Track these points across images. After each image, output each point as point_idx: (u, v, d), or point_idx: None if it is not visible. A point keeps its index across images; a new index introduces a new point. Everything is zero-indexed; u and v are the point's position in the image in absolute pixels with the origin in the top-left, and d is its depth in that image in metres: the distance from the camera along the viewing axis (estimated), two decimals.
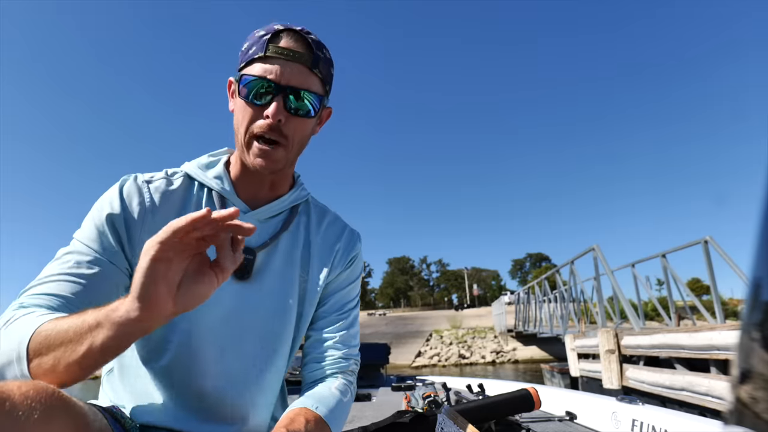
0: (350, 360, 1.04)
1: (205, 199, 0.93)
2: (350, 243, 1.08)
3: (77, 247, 0.82)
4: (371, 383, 4.09)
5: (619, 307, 10.25)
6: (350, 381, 1.02)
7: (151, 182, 0.91)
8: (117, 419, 0.77)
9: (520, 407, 1.59)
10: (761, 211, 0.23)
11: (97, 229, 0.84)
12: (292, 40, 0.86)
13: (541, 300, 17.61)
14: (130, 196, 0.88)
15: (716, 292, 7.60)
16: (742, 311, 0.25)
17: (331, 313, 1.05)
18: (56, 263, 0.80)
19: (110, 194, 0.88)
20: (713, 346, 4.82)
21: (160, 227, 0.86)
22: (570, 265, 12.05)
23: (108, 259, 0.83)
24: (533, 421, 1.89)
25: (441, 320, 42.89)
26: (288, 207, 1.01)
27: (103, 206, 0.86)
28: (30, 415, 0.50)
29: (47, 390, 0.53)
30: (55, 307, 0.75)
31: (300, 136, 0.91)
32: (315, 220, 1.06)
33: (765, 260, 0.23)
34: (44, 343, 0.63)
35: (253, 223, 0.92)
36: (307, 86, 0.87)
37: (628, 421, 1.66)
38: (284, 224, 0.99)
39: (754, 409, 0.23)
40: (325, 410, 0.88)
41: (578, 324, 12.74)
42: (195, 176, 0.95)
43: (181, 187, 0.94)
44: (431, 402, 1.96)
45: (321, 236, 1.05)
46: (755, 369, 0.23)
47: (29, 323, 0.66)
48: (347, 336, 1.04)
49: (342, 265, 1.06)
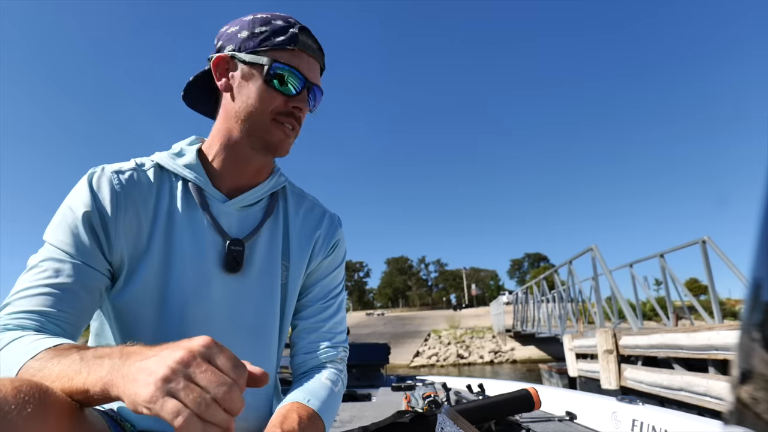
0: (338, 348, 1.02)
1: (180, 191, 0.89)
2: (331, 228, 1.06)
3: (51, 253, 0.77)
4: (371, 383, 4.09)
5: (618, 307, 10.26)
6: (340, 369, 1.00)
7: (121, 173, 0.86)
8: (117, 422, 0.76)
9: (520, 407, 1.59)
10: (761, 211, 0.23)
11: (71, 230, 0.79)
12: (311, 39, 0.90)
13: (540, 300, 17.61)
14: (101, 189, 0.82)
15: (714, 292, 7.61)
16: (742, 311, 0.25)
17: (316, 301, 1.03)
18: (31, 274, 0.76)
19: (79, 190, 0.82)
20: (712, 346, 4.82)
21: (133, 220, 0.86)
22: (568, 265, 12.06)
23: (86, 262, 0.78)
24: (533, 421, 1.89)
25: (439, 320, 42.88)
26: (267, 194, 0.98)
27: (74, 203, 0.81)
28: (22, 409, 0.47)
29: (41, 386, 0.51)
30: (40, 325, 0.71)
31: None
32: (293, 207, 1.03)
33: (765, 260, 0.23)
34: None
35: (232, 213, 0.92)
36: (319, 85, 0.93)
37: (628, 421, 1.66)
38: (266, 212, 0.97)
39: (755, 410, 0.23)
40: (318, 403, 0.87)
41: (576, 324, 12.74)
42: (166, 165, 0.91)
43: (153, 177, 0.89)
44: (431, 402, 1.96)
45: (300, 222, 1.02)
46: (756, 369, 0.23)
47: (14, 357, 0.62)
48: (333, 324, 1.03)
49: (324, 252, 1.04)
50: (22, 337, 0.66)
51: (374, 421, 1.52)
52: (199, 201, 0.89)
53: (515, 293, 26.02)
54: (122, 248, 0.83)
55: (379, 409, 2.51)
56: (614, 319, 10.64)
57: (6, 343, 0.66)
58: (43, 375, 0.58)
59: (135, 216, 0.85)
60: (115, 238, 0.82)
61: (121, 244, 0.83)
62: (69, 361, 0.57)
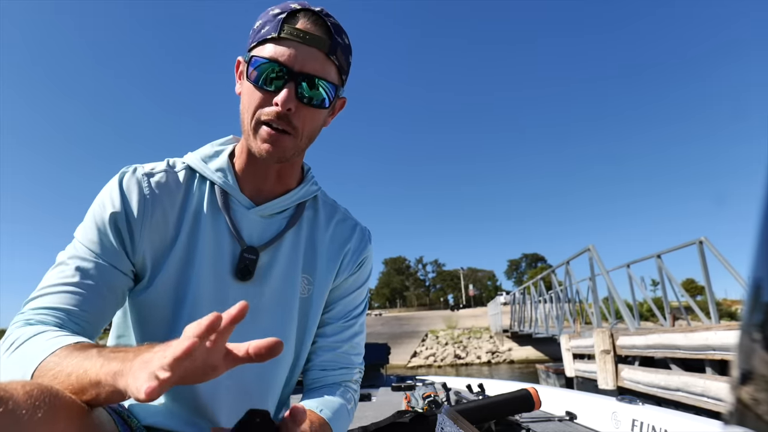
0: (354, 369, 1.01)
1: (207, 194, 0.88)
2: (361, 243, 1.01)
3: (78, 251, 0.79)
4: (371, 383, 4.09)
5: (615, 307, 10.28)
6: (354, 389, 0.99)
7: (151, 175, 0.86)
8: (124, 419, 0.76)
9: (520, 407, 1.60)
10: (761, 211, 0.23)
11: (98, 228, 0.80)
12: (310, 21, 0.79)
13: (537, 300, 17.63)
14: (130, 190, 0.83)
15: (711, 292, 7.64)
16: (742, 312, 0.25)
17: (337, 320, 0.99)
18: (58, 271, 0.78)
19: (110, 189, 0.83)
20: (709, 346, 4.84)
21: (161, 224, 0.85)
22: (565, 266, 12.08)
23: (110, 263, 0.80)
24: (533, 421, 1.89)
25: (437, 320, 42.84)
26: (295, 203, 0.94)
27: (104, 202, 0.82)
28: (33, 414, 0.48)
29: (51, 390, 0.52)
30: (61, 323, 0.73)
31: (310, 127, 0.84)
32: (323, 218, 0.99)
33: (765, 260, 0.23)
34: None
35: (256, 220, 0.90)
36: (322, 74, 0.80)
37: (628, 421, 1.66)
38: (289, 222, 0.93)
39: (756, 411, 0.23)
40: (330, 413, 0.86)
41: (573, 324, 12.77)
42: (197, 168, 0.90)
43: (183, 180, 0.88)
44: (431, 402, 1.97)
45: (329, 235, 0.98)
46: (757, 370, 0.23)
47: (34, 352, 0.64)
48: (352, 345, 1.00)
49: (351, 268, 1.00)
50: (43, 333, 0.68)
51: (374, 421, 1.53)
52: (222, 205, 0.87)
53: (513, 294, 26.02)
54: (145, 250, 0.83)
55: (380, 409, 2.52)
56: (611, 320, 10.67)
57: (27, 338, 0.68)
58: (60, 369, 0.59)
59: (162, 218, 0.85)
60: (139, 240, 0.82)
61: (144, 246, 0.83)
62: (86, 356, 0.59)
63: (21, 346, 0.67)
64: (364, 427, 1.53)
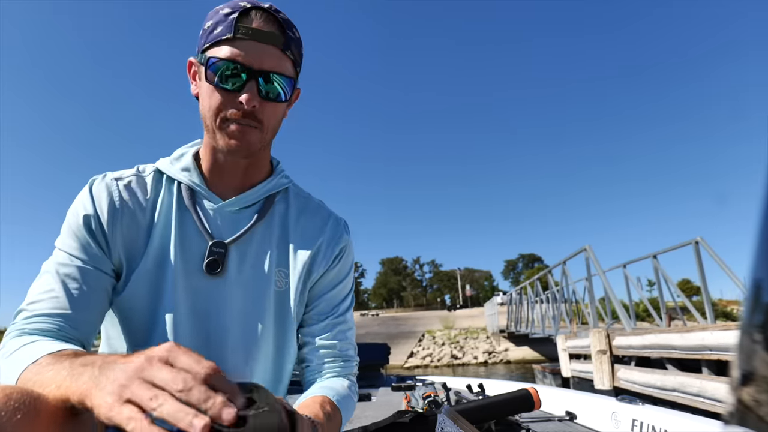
0: (351, 362, 1.02)
1: (176, 194, 0.90)
2: (335, 234, 1.01)
3: (61, 258, 0.81)
4: (371, 383, 4.08)
5: (611, 307, 10.33)
6: (353, 381, 1.01)
7: (120, 179, 0.89)
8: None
9: (520, 407, 1.60)
10: (761, 211, 0.23)
11: (75, 234, 0.83)
12: (263, 19, 0.81)
13: (534, 301, 17.68)
14: (100, 195, 0.86)
15: (707, 292, 7.68)
16: (742, 313, 0.25)
17: (324, 317, 0.99)
18: (44, 279, 0.79)
19: (82, 197, 0.86)
20: (705, 346, 4.86)
21: (132, 225, 0.88)
22: (562, 266, 12.11)
23: (94, 266, 0.82)
24: (533, 421, 1.90)
25: (433, 321, 42.85)
26: (263, 196, 0.95)
27: (77, 209, 0.85)
28: (12, 416, 0.48)
29: (32, 394, 0.52)
30: (57, 328, 0.75)
31: (274, 120, 0.88)
32: (294, 210, 0.99)
33: (765, 261, 0.23)
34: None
35: (225, 215, 0.92)
36: (279, 69, 0.83)
37: (628, 421, 1.67)
38: (258, 215, 0.93)
39: (758, 412, 0.23)
40: (338, 397, 0.87)
41: (570, 324, 12.82)
42: (164, 170, 0.92)
43: (151, 183, 0.91)
44: (431, 402, 1.97)
45: (301, 228, 0.98)
46: (758, 371, 0.23)
47: (21, 361, 0.64)
48: (344, 341, 1.00)
49: (327, 260, 0.99)
50: (36, 342, 0.69)
51: (374, 421, 1.53)
52: (189, 203, 0.90)
53: (509, 294, 26.11)
54: (120, 252, 0.86)
55: (379, 409, 2.52)
56: (608, 320, 10.72)
57: (21, 346, 0.69)
58: (38, 380, 0.59)
59: (132, 220, 0.87)
60: (113, 242, 0.85)
61: (118, 247, 0.85)
62: (60, 368, 0.58)
63: (11, 355, 0.68)
64: (364, 427, 1.53)
